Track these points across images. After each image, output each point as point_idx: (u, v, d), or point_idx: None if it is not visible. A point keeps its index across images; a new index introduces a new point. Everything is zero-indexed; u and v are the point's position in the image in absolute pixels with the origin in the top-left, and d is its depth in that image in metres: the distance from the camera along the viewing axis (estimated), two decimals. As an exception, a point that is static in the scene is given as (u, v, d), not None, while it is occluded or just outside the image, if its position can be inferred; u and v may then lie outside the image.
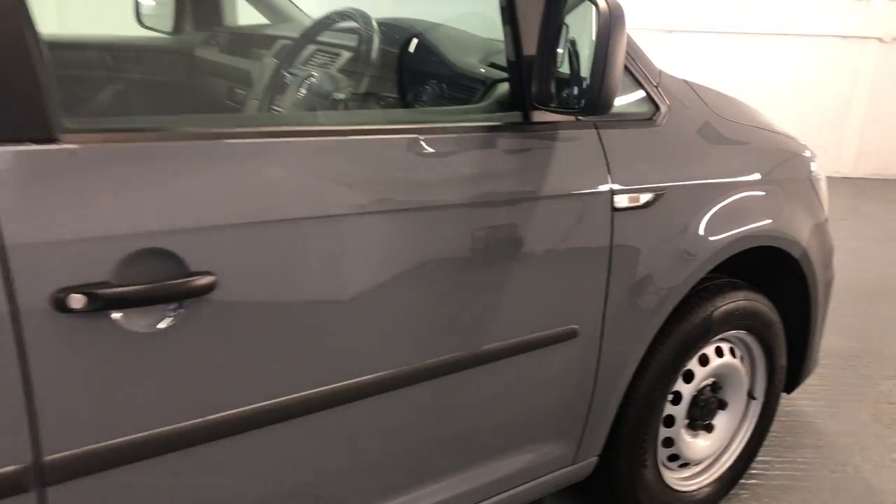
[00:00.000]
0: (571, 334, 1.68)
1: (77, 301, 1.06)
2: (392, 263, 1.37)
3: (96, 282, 1.08)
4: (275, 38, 2.33)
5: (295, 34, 2.22)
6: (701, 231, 1.82)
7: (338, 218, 1.29)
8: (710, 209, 1.85)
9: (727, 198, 1.89)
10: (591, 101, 1.36)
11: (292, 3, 2.79)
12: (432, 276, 1.43)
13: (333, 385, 1.35)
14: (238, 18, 2.79)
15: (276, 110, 1.94)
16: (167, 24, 2.81)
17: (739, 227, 1.91)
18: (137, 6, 2.83)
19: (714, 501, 2.24)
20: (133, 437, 1.16)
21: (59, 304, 1.05)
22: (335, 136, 1.35)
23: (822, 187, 2.29)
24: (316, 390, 1.33)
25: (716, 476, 2.23)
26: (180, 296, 1.15)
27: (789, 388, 2.42)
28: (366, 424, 1.43)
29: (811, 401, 2.91)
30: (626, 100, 1.75)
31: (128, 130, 1.19)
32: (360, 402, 1.40)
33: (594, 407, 1.81)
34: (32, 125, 1.04)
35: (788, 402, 2.86)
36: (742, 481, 2.35)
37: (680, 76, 1.96)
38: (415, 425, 1.52)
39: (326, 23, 1.98)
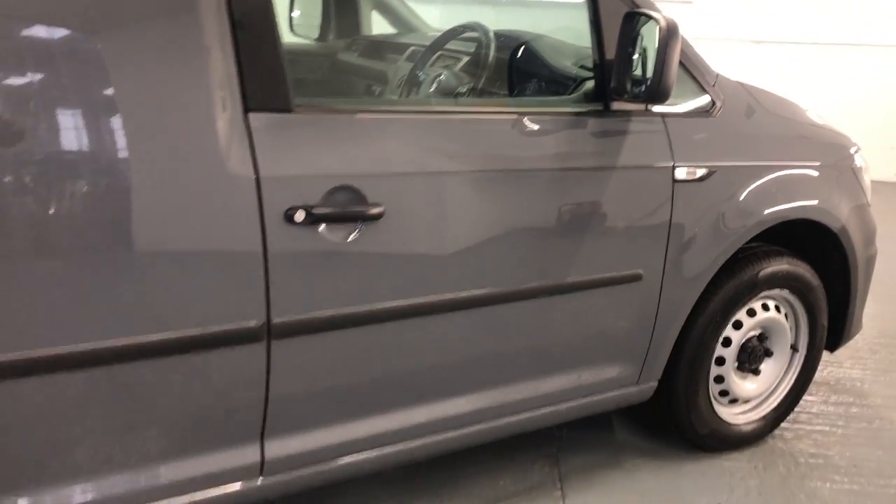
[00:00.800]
0: (637, 277, 2.16)
1: (299, 216, 1.62)
2: (504, 210, 1.89)
3: (311, 205, 1.63)
4: (406, 45, 2.88)
5: (422, 42, 2.78)
6: (746, 203, 2.27)
7: (463, 173, 1.82)
8: (755, 186, 2.29)
9: (770, 178, 2.32)
10: (653, 92, 1.85)
11: (417, 15, 3.34)
12: (534, 223, 1.94)
13: (461, 293, 1.87)
14: (372, 29, 3.36)
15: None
16: (314, 32, 3.42)
17: (779, 203, 2.34)
18: (290, 18, 3.44)
19: (759, 436, 2.67)
20: (323, 313, 1.71)
21: (289, 218, 1.61)
22: (462, 115, 1.89)
23: (864, 177, 2.68)
24: (447, 296, 1.85)
25: (761, 415, 2.65)
26: (361, 219, 1.69)
27: (832, 348, 2.80)
28: (481, 325, 1.95)
29: (861, 370, 3.27)
30: (687, 97, 2.22)
31: (329, 108, 1.75)
32: (479, 310, 1.92)
33: (654, 339, 2.28)
34: (279, 100, 1.60)
35: (840, 370, 3.23)
36: (785, 424, 2.76)
37: (737, 79, 2.41)
38: (516, 333, 2.03)
39: (454, 32, 2.52)
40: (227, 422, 1.70)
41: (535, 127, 1.95)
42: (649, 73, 1.88)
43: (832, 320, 2.73)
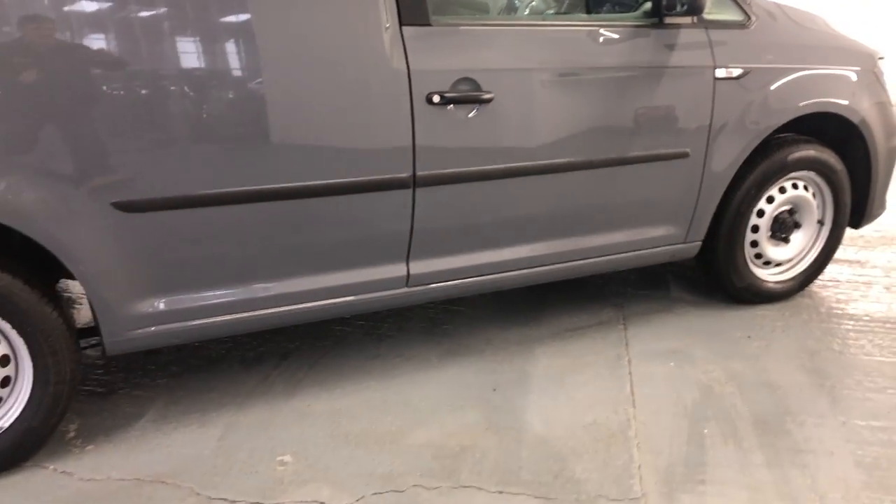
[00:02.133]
0: (685, 154, 2.81)
1: (436, 98, 2.34)
2: (581, 99, 2.56)
3: (444, 91, 2.34)
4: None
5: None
6: (774, 98, 2.87)
7: (551, 70, 2.50)
8: (783, 84, 2.88)
9: (797, 77, 2.91)
10: (691, 7, 2.48)
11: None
12: (604, 109, 2.61)
13: (548, 161, 2.57)
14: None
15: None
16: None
17: (805, 99, 2.93)
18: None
19: (789, 294, 3.29)
20: (451, 169, 2.43)
21: (429, 99, 2.33)
22: (550, 28, 2.56)
23: (884, 80, 3.21)
24: (538, 163, 2.56)
25: (791, 276, 3.27)
26: (478, 101, 2.40)
27: (856, 225, 3.37)
28: (562, 186, 2.64)
29: (892, 252, 3.81)
30: (727, 13, 2.82)
31: (453, 23, 2.45)
32: (561, 174, 2.62)
33: (698, 205, 2.93)
34: (422, 17, 2.31)
35: (871, 253, 3.79)
36: (813, 287, 3.37)
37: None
38: (590, 194, 2.71)
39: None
40: (385, 245, 2.46)
41: (606, 36, 2.61)
42: (690, -8, 2.51)
43: (856, 202, 3.30)
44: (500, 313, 3.16)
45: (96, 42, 1.97)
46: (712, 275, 3.19)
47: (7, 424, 2.14)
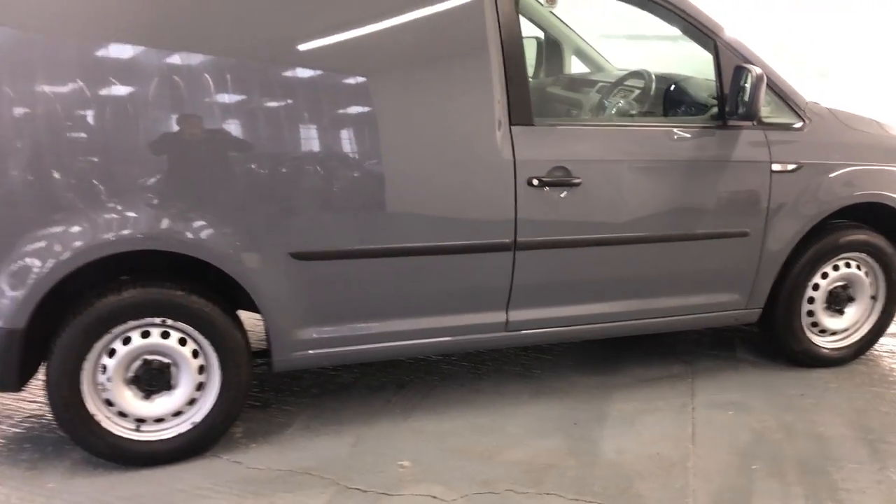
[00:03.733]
0: (745, 234, 3.32)
1: (535, 181, 2.95)
2: (657, 185, 3.14)
3: (541, 176, 2.96)
4: (595, 81, 4.17)
5: (606, 79, 4.06)
6: (825, 189, 3.37)
7: (631, 161, 3.09)
8: (833, 177, 3.38)
9: (845, 172, 3.39)
10: (747, 114, 3.05)
11: (604, 58, 4.62)
12: (676, 194, 3.17)
13: (627, 234, 3.13)
14: (572, 69, 4.67)
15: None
16: (530, 72, 4.77)
17: (853, 190, 3.41)
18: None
19: (843, 361, 3.69)
20: (546, 237, 3.03)
21: (529, 182, 2.95)
22: (632, 127, 3.17)
23: None
24: (619, 235, 3.12)
25: (845, 344, 3.68)
26: (569, 185, 3.00)
27: (907, 302, 3.76)
28: (640, 256, 3.20)
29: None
30: (784, 116, 3.36)
31: (551, 123, 3.08)
32: (638, 245, 3.17)
33: (758, 277, 3.41)
34: (526, 118, 2.95)
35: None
36: (865, 357, 3.76)
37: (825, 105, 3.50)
38: (663, 263, 3.25)
39: (628, 76, 3.78)
40: (490, 295, 3.06)
41: (679, 134, 3.20)
42: (746, 101, 3.07)
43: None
44: (583, 361, 3.69)
45: (285, 132, 2.70)
46: (772, 339, 3.64)
47: (199, 419, 2.81)
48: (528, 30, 4.37)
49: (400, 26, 2.81)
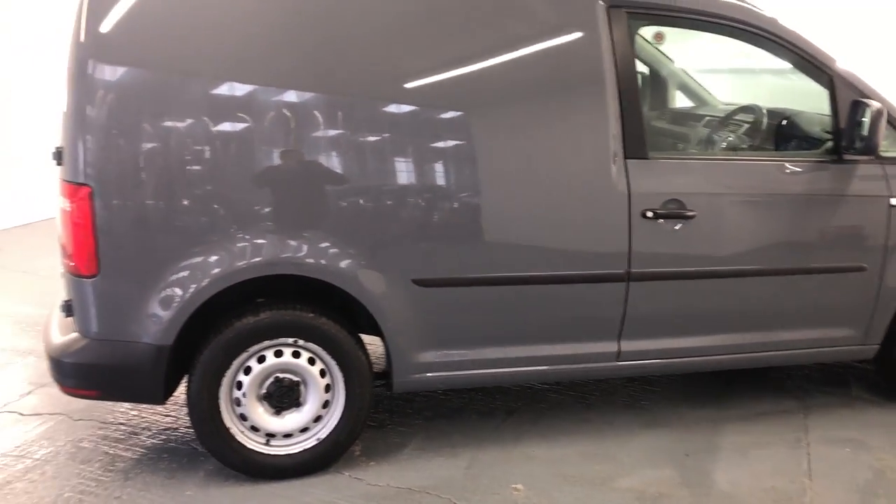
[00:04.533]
0: (862, 269, 3.29)
1: (649, 214, 3.02)
2: (771, 219, 3.15)
3: (655, 208, 3.02)
4: (702, 115, 4.20)
5: (712, 113, 4.09)
6: (948, 223, 3.31)
7: (745, 194, 3.12)
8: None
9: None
10: (866, 149, 3.04)
11: (709, 92, 4.65)
12: (791, 228, 3.18)
13: (741, 267, 3.15)
14: (676, 103, 4.72)
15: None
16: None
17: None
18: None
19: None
20: (659, 269, 3.08)
21: (643, 215, 3.01)
22: (744, 161, 3.20)
23: None
24: (733, 268, 3.15)
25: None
26: (683, 218, 3.05)
27: None
28: (753, 289, 3.21)
29: None
30: (901, 150, 3.34)
31: (663, 156, 3.15)
32: (752, 278, 3.19)
33: (875, 313, 3.36)
34: (641, 152, 3.03)
35: None
36: None
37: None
38: (775, 296, 3.25)
39: (739, 110, 3.81)
40: (601, 324, 3.12)
41: (792, 168, 3.21)
42: (865, 136, 3.06)
43: None
44: (691, 393, 3.69)
45: (410, 165, 2.86)
46: (889, 376, 3.56)
47: (324, 436, 2.96)
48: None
49: (521, 61, 2.94)
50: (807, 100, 3.53)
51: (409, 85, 2.85)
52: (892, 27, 7.46)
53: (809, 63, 3.26)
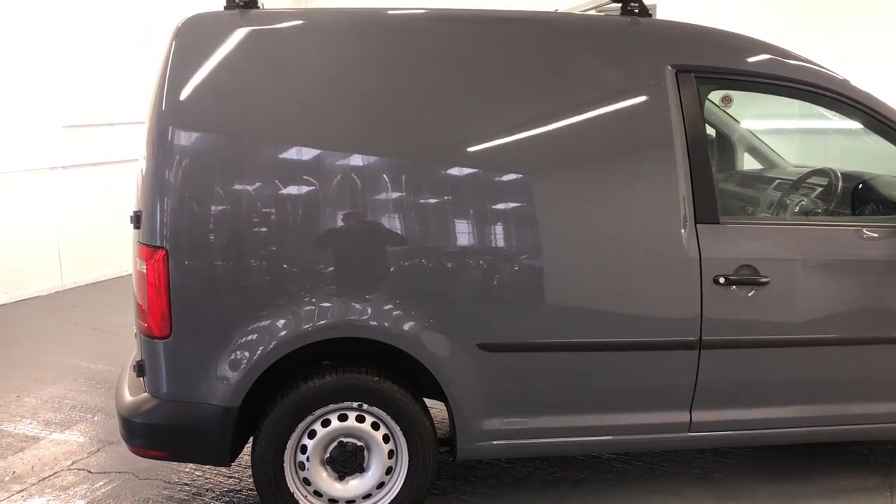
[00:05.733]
0: (937, 337, 3.14)
1: (721, 280, 2.94)
2: (848, 285, 3.04)
3: (728, 274, 2.95)
4: (772, 178, 4.12)
5: (783, 175, 4.01)
6: None
7: (821, 260, 3.03)
8: None
9: None
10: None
11: (778, 154, 4.56)
12: (867, 295, 3.06)
13: (820, 335, 3.04)
14: (745, 165, 4.64)
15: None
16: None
17: None
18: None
19: None
20: (733, 337, 2.99)
21: (715, 280, 2.94)
22: (819, 226, 3.11)
23: None
24: (810, 336, 3.03)
25: None
26: (757, 284, 2.96)
27: None
28: (832, 359, 3.08)
29: None
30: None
31: (735, 221, 3.08)
32: (828, 347, 3.06)
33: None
34: (712, 216, 2.97)
35: None
36: None
37: None
38: (852, 367, 3.11)
39: (812, 173, 3.72)
40: (672, 393, 3.03)
41: (870, 234, 3.10)
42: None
43: None
44: (766, 467, 3.53)
45: (473, 228, 2.85)
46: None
47: (387, 503, 2.91)
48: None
49: (588, 124, 2.94)
50: (882, 161, 3.44)
51: (472, 149, 2.87)
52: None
53: (884, 125, 3.18)
